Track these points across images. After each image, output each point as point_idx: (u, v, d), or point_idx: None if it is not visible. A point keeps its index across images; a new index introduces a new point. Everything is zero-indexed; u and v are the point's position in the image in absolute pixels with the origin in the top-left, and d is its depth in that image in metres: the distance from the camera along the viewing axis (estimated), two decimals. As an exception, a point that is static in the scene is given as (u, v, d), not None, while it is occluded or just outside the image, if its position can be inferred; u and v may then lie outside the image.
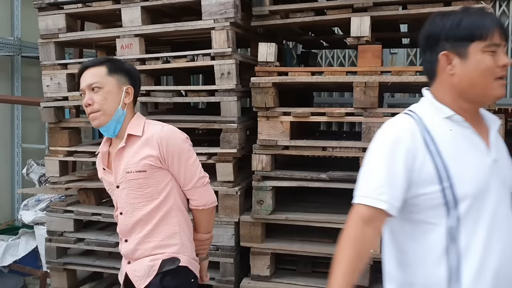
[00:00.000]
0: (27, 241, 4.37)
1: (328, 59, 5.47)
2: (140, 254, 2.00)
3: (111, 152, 2.04)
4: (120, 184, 1.99)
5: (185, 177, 2.01)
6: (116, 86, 1.96)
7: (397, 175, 1.42)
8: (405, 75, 2.67)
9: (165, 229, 2.00)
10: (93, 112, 1.93)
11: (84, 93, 1.96)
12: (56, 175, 3.27)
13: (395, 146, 1.44)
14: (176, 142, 1.99)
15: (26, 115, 5.40)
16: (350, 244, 1.45)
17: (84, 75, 1.97)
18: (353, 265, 1.43)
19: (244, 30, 3.11)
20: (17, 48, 5.17)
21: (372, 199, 1.43)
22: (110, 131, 1.98)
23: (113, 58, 2.08)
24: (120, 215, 2.03)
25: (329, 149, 2.78)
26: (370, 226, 1.44)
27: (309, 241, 2.95)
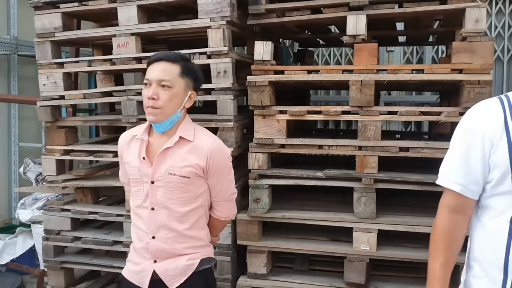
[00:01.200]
0: (24, 239, 4.38)
1: (324, 57, 5.48)
2: (171, 253, 1.97)
3: (151, 142, 2.00)
4: (156, 181, 1.95)
5: (220, 190, 2.06)
6: (183, 89, 1.94)
7: (473, 158, 1.47)
8: (401, 73, 2.68)
9: (198, 232, 2.03)
10: (154, 107, 1.89)
11: (150, 84, 1.91)
12: (53, 174, 3.27)
13: (473, 129, 1.48)
14: (223, 158, 2.02)
15: (23, 114, 5.39)
16: (441, 235, 1.53)
17: (156, 66, 1.92)
18: (448, 255, 1.52)
19: (241, 28, 3.11)
20: (13, 47, 5.15)
21: (446, 181, 1.53)
22: (161, 128, 1.96)
23: (188, 57, 2.04)
24: (151, 210, 1.96)
25: (325, 147, 2.79)
26: (458, 214, 1.52)
27: (305, 239, 2.96)
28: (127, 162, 2.04)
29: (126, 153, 2.06)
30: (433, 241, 1.56)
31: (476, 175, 1.47)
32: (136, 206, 2.03)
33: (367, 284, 2.77)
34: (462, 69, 2.58)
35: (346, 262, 2.77)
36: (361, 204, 2.73)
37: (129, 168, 2.03)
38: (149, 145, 2.00)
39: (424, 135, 4.12)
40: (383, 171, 2.72)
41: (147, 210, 1.97)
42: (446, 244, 1.53)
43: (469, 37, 2.58)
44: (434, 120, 2.71)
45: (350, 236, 2.77)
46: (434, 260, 1.54)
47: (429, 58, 5.16)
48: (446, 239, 1.53)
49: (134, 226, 2.06)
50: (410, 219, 2.74)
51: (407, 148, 2.68)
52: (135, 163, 1.99)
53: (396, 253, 2.75)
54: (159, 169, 1.95)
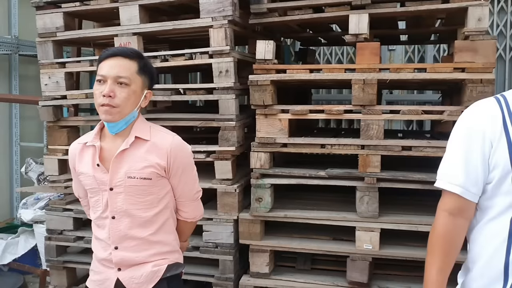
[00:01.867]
0: (27, 239, 4.37)
1: (326, 56, 5.47)
2: (137, 261, 1.88)
3: (104, 148, 1.88)
4: (115, 187, 1.84)
5: (184, 189, 1.97)
6: (140, 87, 1.85)
7: (474, 159, 1.44)
8: (403, 72, 2.67)
9: (165, 237, 1.93)
10: (110, 105, 1.76)
11: (104, 81, 1.78)
12: (55, 174, 3.28)
13: (472, 130, 1.46)
14: (185, 155, 1.93)
15: (24, 114, 5.39)
16: (440, 239, 1.49)
17: (111, 61, 1.80)
18: (446, 260, 1.49)
19: (242, 28, 3.11)
20: (14, 47, 5.15)
21: (445, 183, 1.49)
22: (115, 128, 1.85)
23: (143, 55, 1.92)
24: (112, 219, 1.86)
25: (327, 146, 2.79)
26: (458, 217, 1.49)
27: (308, 238, 2.96)
28: (81, 173, 1.91)
29: (78, 163, 1.93)
30: (431, 245, 1.52)
31: (477, 176, 1.45)
32: (96, 218, 1.92)
33: (369, 283, 2.76)
34: (464, 68, 2.58)
35: (349, 261, 2.77)
36: (363, 203, 2.73)
37: (84, 178, 1.90)
38: (102, 151, 1.87)
39: (426, 134, 4.11)
40: (386, 170, 2.71)
41: (107, 219, 1.86)
42: (445, 249, 1.49)
43: (472, 35, 2.58)
44: (437, 119, 2.71)
45: (352, 235, 2.77)
46: (432, 265, 1.51)
47: (430, 57, 5.16)
48: (445, 244, 1.49)
49: (95, 238, 1.96)
50: (413, 218, 2.73)
51: (409, 147, 2.68)
52: (89, 172, 1.87)
53: (398, 252, 2.74)
54: (116, 174, 1.84)
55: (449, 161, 1.51)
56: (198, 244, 2.96)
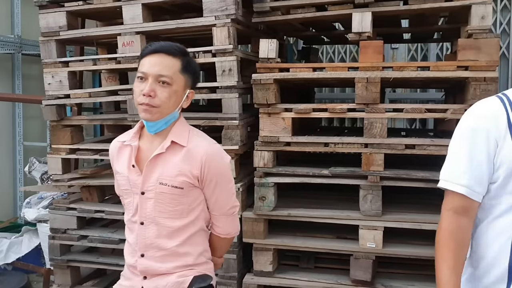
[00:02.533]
0: (30, 238, 4.39)
1: (329, 54, 5.47)
2: (161, 271, 1.79)
3: (142, 148, 1.80)
4: (146, 192, 1.76)
5: (217, 202, 1.84)
6: (182, 87, 1.74)
7: (478, 159, 1.43)
8: (406, 70, 2.67)
9: (192, 249, 1.82)
10: (150, 105, 1.67)
11: (145, 78, 1.69)
12: (59, 173, 3.28)
13: (476, 129, 1.44)
14: (221, 165, 1.81)
15: (27, 113, 5.41)
16: (448, 238, 1.48)
17: (153, 58, 1.70)
18: (457, 258, 1.47)
19: (245, 26, 3.11)
20: (17, 46, 5.16)
21: (451, 183, 1.47)
22: (155, 128, 1.76)
23: (188, 52, 1.80)
24: (140, 225, 1.78)
25: (331, 145, 2.79)
26: (463, 216, 1.47)
27: (311, 237, 2.96)
28: (117, 172, 1.85)
29: (116, 162, 1.86)
30: (440, 246, 1.49)
31: (481, 176, 1.44)
32: (127, 220, 1.86)
33: (373, 281, 2.77)
34: (468, 66, 2.57)
35: (352, 260, 2.77)
36: (367, 201, 2.73)
37: (120, 178, 1.84)
38: (139, 151, 1.79)
39: (429, 132, 4.11)
40: (389, 169, 2.71)
41: (136, 224, 1.79)
42: (454, 249, 1.47)
43: (475, 34, 2.58)
44: (440, 117, 2.70)
45: (356, 234, 2.77)
46: (443, 265, 1.47)
47: (433, 55, 5.15)
48: (454, 244, 1.47)
49: (126, 241, 1.89)
50: (417, 216, 2.73)
51: (413, 146, 2.68)
52: (124, 172, 1.80)
53: (402, 250, 2.74)
54: (149, 178, 1.76)
55: (453, 162, 1.50)
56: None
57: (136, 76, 1.74)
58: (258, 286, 2.91)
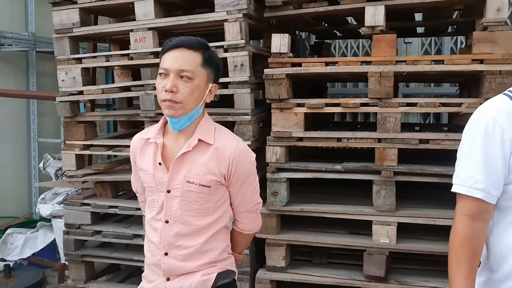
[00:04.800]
0: (45, 234, 4.44)
1: (341, 49, 5.43)
2: (185, 271, 1.77)
3: (167, 146, 1.78)
4: (173, 190, 1.74)
5: (243, 199, 1.84)
6: (205, 81, 1.71)
7: (494, 161, 1.38)
8: (420, 64, 2.64)
9: (216, 246, 1.80)
10: (173, 101, 1.65)
11: (167, 74, 1.67)
12: (73, 169, 3.31)
13: (489, 130, 1.38)
14: (248, 163, 1.79)
15: (42, 110, 5.46)
16: (464, 244, 1.42)
17: (174, 53, 1.68)
18: (472, 264, 1.42)
19: (257, 21, 3.10)
20: (31, 43, 5.21)
21: (467, 188, 1.41)
22: (179, 125, 1.73)
23: (209, 45, 1.76)
24: (165, 223, 1.76)
25: (344, 140, 2.77)
26: (479, 220, 1.42)
27: (324, 232, 2.95)
28: (141, 169, 1.83)
29: (140, 159, 1.84)
30: (455, 252, 1.44)
31: (497, 178, 1.39)
32: (150, 218, 1.82)
33: (387, 277, 2.75)
34: (483, 59, 2.54)
35: (366, 255, 2.76)
36: (380, 197, 2.71)
37: (144, 175, 1.82)
38: (164, 149, 1.78)
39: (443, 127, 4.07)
40: (403, 164, 2.69)
41: (161, 222, 1.77)
42: (469, 254, 1.42)
43: (490, 26, 2.54)
44: (455, 111, 2.67)
45: (369, 229, 2.76)
46: (458, 271, 1.42)
47: (447, 49, 5.09)
48: (469, 250, 1.42)
49: (147, 239, 1.86)
50: (430, 212, 2.71)
51: (427, 140, 2.65)
52: (150, 170, 1.78)
53: (416, 245, 2.72)
54: (176, 177, 1.74)
55: (467, 165, 1.43)
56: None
57: (158, 73, 1.71)
58: (271, 281, 2.91)
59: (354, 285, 2.80)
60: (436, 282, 2.71)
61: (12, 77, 5.20)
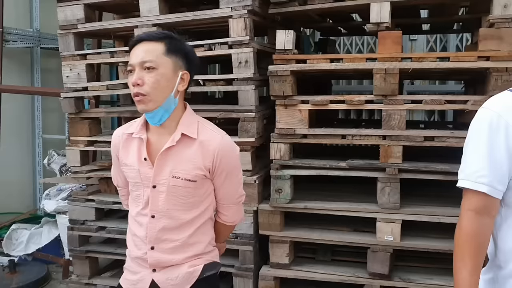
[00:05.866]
0: (50, 230, 4.45)
1: (346, 46, 5.42)
2: (173, 263, 1.78)
3: (151, 140, 1.78)
4: (158, 185, 1.74)
5: (226, 192, 1.86)
6: (172, 69, 1.69)
7: (498, 155, 1.37)
8: (426, 61, 2.62)
9: (202, 238, 1.83)
10: (140, 93, 1.65)
11: (133, 70, 1.68)
12: (77, 165, 3.32)
13: (493, 125, 1.38)
14: (232, 157, 1.81)
15: (46, 106, 5.48)
16: (469, 240, 1.42)
17: (136, 49, 1.69)
18: (477, 260, 1.41)
19: (262, 18, 3.09)
20: (36, 40, 5.22)
21: (471, 182, 1.41)
22: (156, 119, 1.72)
23: (173, 35, 1.76)
24: (151, 218, 1.76)
25: (348, 137, 2.76)
26: (484, 215, 1.41)
27: (328, 230, 2.94)
28: (125, 164, 1.82)
29: (123, 154, 1.83)
30: (460, 248, 1.43)
31: (502, 173, 1.38)
32: (136, 213, 1.82)
33: (390, 275, 2.74)
34: (489, 56, 2.52)
35: (370, 253, 2.75)
36: (385, 194, 2.70)
37: (129, 170, 1.81)
38: (148, 144, 1.77)
39: (448, 125, 4.05)
40: (407, 161, 2.68)
41: (146, 217, 1.77)
42: (474, 250, 1.41)
43: (497, 23, 2.52)
44: (460, 108, 2.66)
45: (373, 227, 2.75)
46: (463, 267, 1.42)
47: (453, 46, 5.07)
48: (475, 245, 1.41)
49: (130, 233, 1.86)
50: (435, 209, 2.70)
51: (432, 138, 2.64)
52: (135, 165, 1.78)
53: (420, 243, 2.71)
54: (161, 172, 1.74)
55: (472, 159, 1.43)
56: (218, 235, 2.96)
57: (127, 71, 1.73)
58: (274, 278, 2.91)
59: (358, 282, 2.80)
60: (441, 280, 2.70)
61: (17, 74, 5.22)
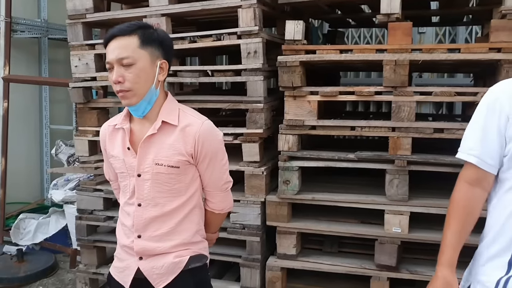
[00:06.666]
0: (57, 219, 4.48)
1: (354, 38, 5.39)
2: (158, 251, 1.80)
3: (134, 130, 1.80)
4: (142, 174, 1.76)
5: (212, 178, 1.87)
6: (149, 61, 1.70)
7: (490, 132, 1.52)
8: (436, 53, 2.60)
9: (189, 227, 1.84)
10: (123, 90, 1.67)
11: (112, 67, 1.69)
12: (86, 155, 3.33)
13: (490, 105, 1.54)
14: (214, 141, 1.81)
15: (54, 97, 5.49)
16: (458, 206, 1.59)
17: (111, 45, 1.68)
18: (461, 225, 1.58)
19: (271, 8, 3.08)
20: (44, 30, 5.23)
21: (464, 154, 1.60)
22: (140, 111, 1.75)
23: (145, 25, 1.76)
24: (138, 206, 1.79)
25: (357, 128, 2.75)
26: (476, 187, 1.57)
27: (335, 221, 2.94)
28: (112, 156, 1.85)
29: (110, 146, 1.86)
30: (449, 213, 1.61)
31: (493, 148, 1.52)
32: (124, 203, 1.86)
33: (398, 267, 2.74)
34: (500, 48, 2.49)
35: (377, 245, 2.74)
36: (393, 186, 2.69)
37: (115, 161, 1.83)
38: (132, 134, 1.79)
39: (456, 118, 4.03)
40: (416, 153, 2.67)
41: (133, 206, 1.80)
42: (461, 216, 1.58)
43: (509, 14, 2.49)
44: (470, 100, 2.63)
45: (381, 219, 2.74)
46: (447, 228, 1.60)
47: (462, 39, 5.02)
48: (462, 211, 1.58)
49: (120, 223, 1.91)
50: (443, 202, 2.68)
51: (441, 130, 2.62)
52: (120, 155, 1.81)
53: (428, 235, 2.71)
54: (144, 160, 1.76)
55: (469, 135, 1.60)
56: (226, 225, 2.97)
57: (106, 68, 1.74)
58: (281, 268, 2.92)
59: (365, 274, 2.80)
60: (448, 273, 2.69)
61: (25, 64, 5.23)
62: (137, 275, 1.81)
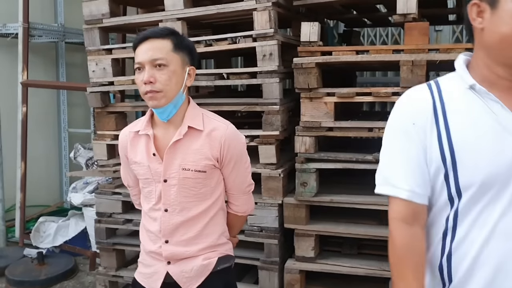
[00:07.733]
0: (77, 222, 4.53)
1: (370, 38, 5.35)
2: (187, 255, 1.82)
3: (158, 136, 1.81)
4: (169, 179, 1.77)
5: (236, 181, 1.90)
6: (180, 65, 1.74)
7: (413, 156, 1.26)
8: (453, 52, 2.56)
9: (215, 229, 1.87)
10: (153, 91, 1.68)
11: (142, 68, 1.71)
12: (104, 158, 3.36)
13: (404, 124, 1.27)
14: (239, 145, 1.85)
15: (71, 101, 5.56)
16: (403, 253, 1.28)
17: (143, 46, 1.71)
18: (417, 274, 1.27)
19: (286, 10, 3.07)
20: (61, 35, 5.29)
21: (390, 188, 1.29)
22: (165, 114, 1.76)
23: (176, 31, 1.80)
24: (164, 212, 1.80)
25: (375, 130, 2.72)
26: (414, 225, 1.28)
27: (354, 223, 2.92)
28: (135, 162, 1.85)
29: (132, 152, 1.86)
30: (395, 263, 1.30)
31: (420, 174, 1.25)
32: (148, 209, 1.86)
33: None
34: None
35: (397, 247, 2.71)
36: (412, 187, 2.66)
37: (138, 167, 1.84)
38: (155, 139, 1.80)
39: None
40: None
41: (160, 212, 1.80)
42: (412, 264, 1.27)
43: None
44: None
45: (400, 220, 2.71)
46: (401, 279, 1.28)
47: (480, 36, 4.95)
48: (411, 259, 1.27)
49: (145, 229, 1.91)
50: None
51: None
52: (144, 162, 1.81)
53: (448, 237, 2.67)
54: (171, 166, 1.77)
55: (387, 162, 1.32)
56: (244, 228, 2.96)
57: (134, 69, 1.75)
58: (300, 271, 2.91)
59: (384, 275, 2.77)
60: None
61: (43, 68, 5.31)
62: (166, 280, 1.82)
